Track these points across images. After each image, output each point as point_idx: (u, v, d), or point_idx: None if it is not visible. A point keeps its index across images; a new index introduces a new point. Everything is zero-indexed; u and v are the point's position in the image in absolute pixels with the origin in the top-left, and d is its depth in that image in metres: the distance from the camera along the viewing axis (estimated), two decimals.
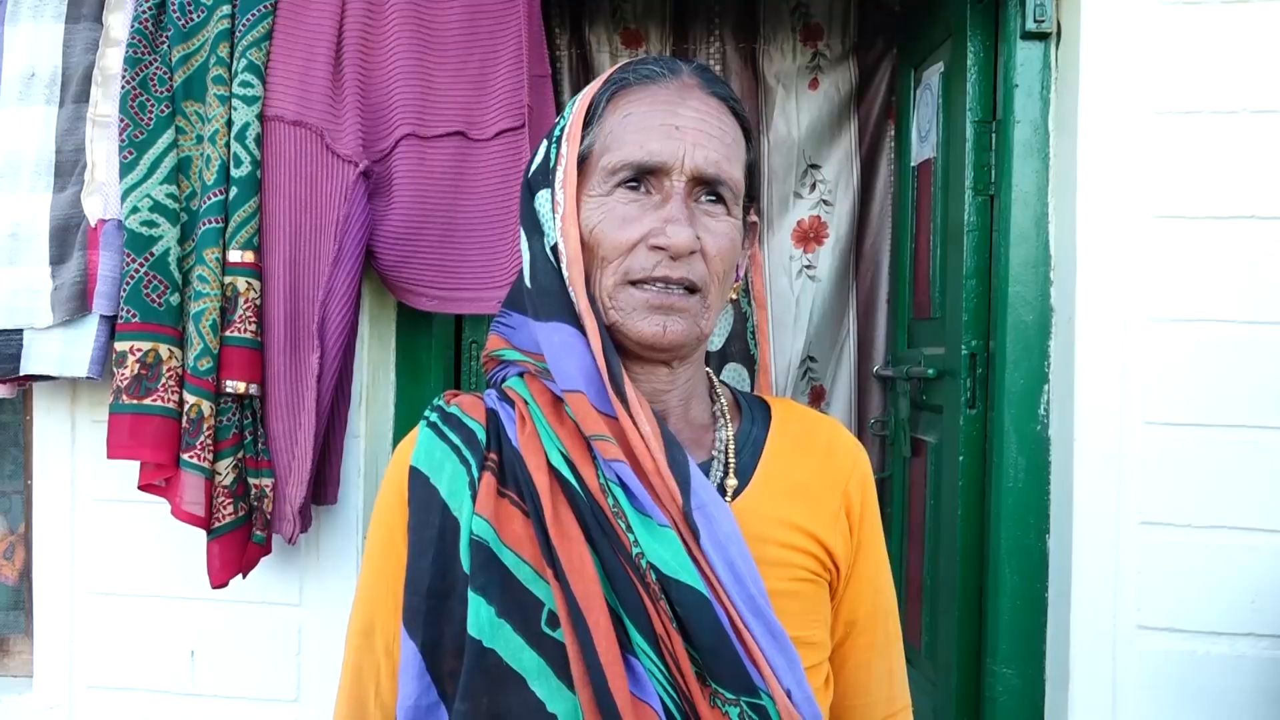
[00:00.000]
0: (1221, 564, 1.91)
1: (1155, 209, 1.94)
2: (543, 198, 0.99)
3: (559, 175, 0.97)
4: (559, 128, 1.00)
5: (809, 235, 3.43)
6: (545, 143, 1.02)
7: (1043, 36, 2.09)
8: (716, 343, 1.20)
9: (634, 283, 0.93)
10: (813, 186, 3.43)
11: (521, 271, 1.03)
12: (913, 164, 2.91)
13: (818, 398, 3.45)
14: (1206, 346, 1.92)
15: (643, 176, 0.94)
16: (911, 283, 2.92)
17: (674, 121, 0.94)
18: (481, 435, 0.96)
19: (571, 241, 0.94)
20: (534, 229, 1.00)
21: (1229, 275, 1.92)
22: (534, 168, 1.02)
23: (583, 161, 0.97)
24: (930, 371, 2.54)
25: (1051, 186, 2.09)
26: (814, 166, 3.43)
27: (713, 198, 0.96)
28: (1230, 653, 1.91)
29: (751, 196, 1.04)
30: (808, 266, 3.43)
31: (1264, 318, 1.91)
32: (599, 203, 0.95)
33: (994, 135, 2.23)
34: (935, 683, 2.45)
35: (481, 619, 0.87)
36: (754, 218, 1.08)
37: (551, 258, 0.97)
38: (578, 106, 0.99)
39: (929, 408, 2.67)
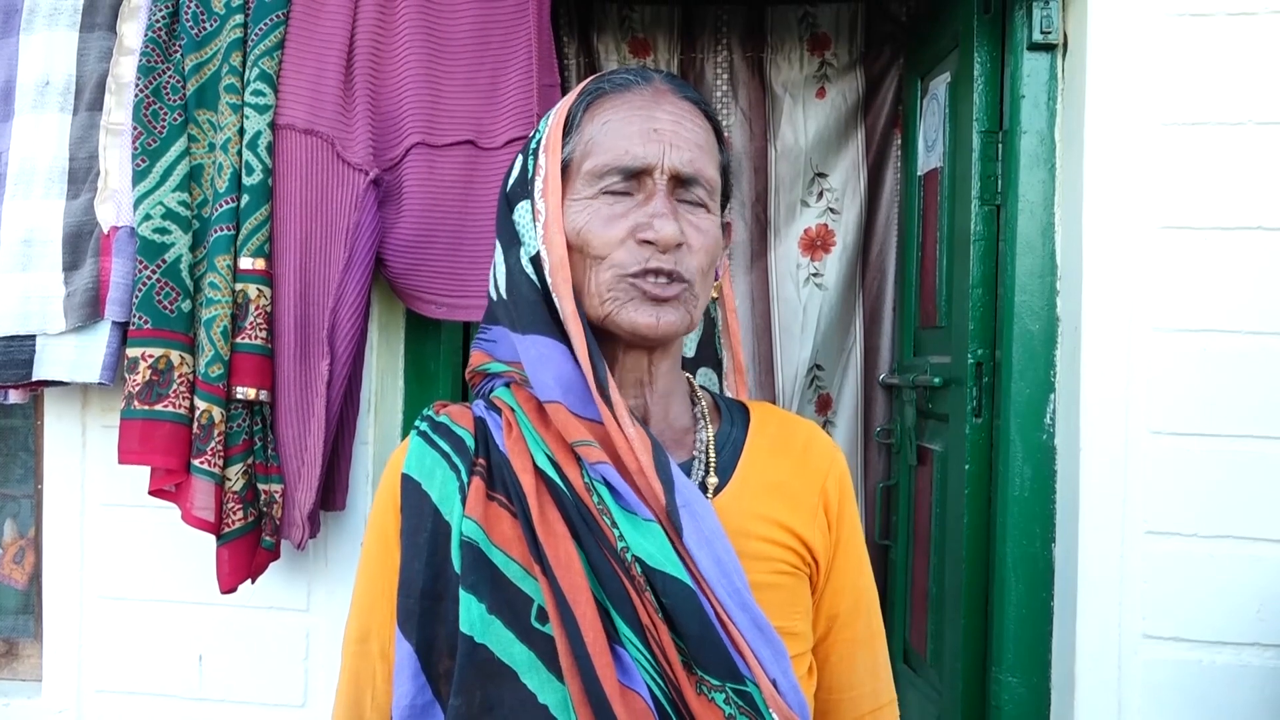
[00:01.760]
0: (1227, 574, 1.91)
1: (1161, 219, 1.95)
2: (522, 209, 1.02)
3: (538, 185, 1.00)
4: (535, 141, 1.03)
5: (816, 243, 3.45)
6: (520, 156, 1.05)
7: (1049, 48, 2.10)
8: (690, 349, 1.23)
9: (628, 277, 0.95)
10: (819, 195, 3.45)
11: (493, 284, 1.05)
12: (919, 173, 2.92)
13: (824, 406, 3.46)
14: (1212, 357, 1.92)
15: (627, 179, 0.97)
16: (918, 291, 2.93)
17: (652, 125, 0.98)
18: (470, 442, 0.98)
19: (556, 248, 0.97)
20: (511, 241, 1.02)
21: (1235, 286, 1.92)
22: (511, 181, 1.05)
23: (563, 170, 1.00)
24: (936, 380, 2.55)
25: (1058, 197, 2.10)
26: (821, 175, 3.44)
27: (693, 196, 0.99)
28: (1235, 662, 1.91)
29: (726, 196, 1.08)
30: (815, 275, 3.44)
31: (1269, 328, 1.91)
32: (584, 205, 0.98)
33: (1000, 145, 2.24)
34: (940, 691, 2.45)
35: (473, 616, 0.89)
36: (728, 218, 1.11)
37: (530, 269, 0.99)
38: (554, 119, 1.02)
39: (935, 416, 2.68)
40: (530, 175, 1.01)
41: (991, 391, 2.25)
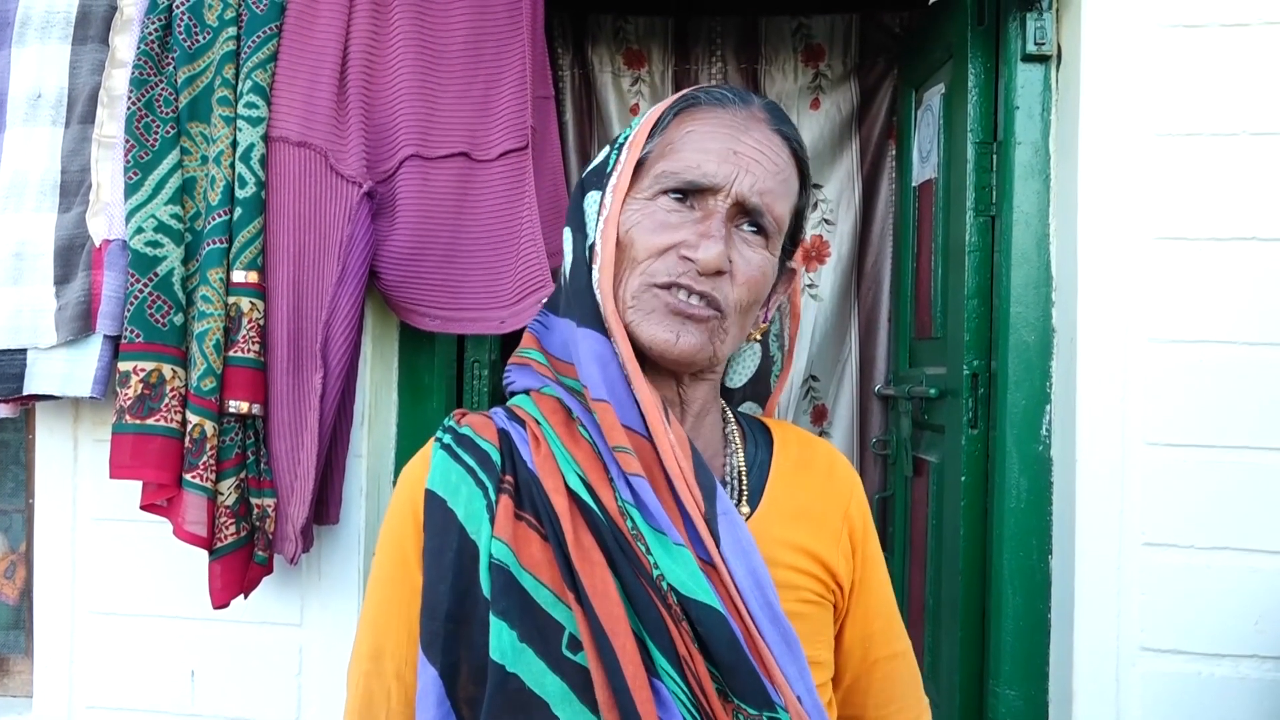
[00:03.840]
0: (1224, 585, 1.91)
1: (1156, 230, 1.94)
2: (592, 198, 1.00)
3: (613, 180, 0.98)
4: (624, 135, 1.01)
5: (811, 254, 3.44)
6: (608, 148, 1.03)
7: (1043, 59, 2.10)
8: (738, 380, 1.20)
9: (657, 286, 0.93)
10: (814, 206, 3.45)
11: (563, 270, 1.03)
12: (914, 184, 2.92)
13: (820, 417, 3.45)
14: (1208, 367, 1.92)
15: (690, 193, 0.95)
16: (913, 302, 2.93)
17: (733, 147, 0.95)
18: (496, 457, 0.95)
19: (608, 244, 0.95)
20: (579, 228, 1.00)
21: (1230, 296, 1.92)
22: (591, 168, 1.03)
23: (638, 168, 0.98)
24: (932, 391, 2.55)
25: (1052, 207, 2.10)
26: (815, 186, 3.44)
27: (754, 228, 0.96)
28: (1233, 674, 1.91)
29: (795, 240, 1.05)
30: (810, 285, 3.44)
31: (1265, 339, 1.91)
32: (641, 205, 0.95)
33: (995, 156, 2.24)
34: (938, 704, 2.44)
35: (504, 643, 0.86)
36: (794, 264, 1.08)
37: (587, 258, 0.98)
38: (647, 117, 1.00)
39: (931, 427, 2.68)
40: (610, 169, 0.99)
41: (987, 403, 2.24)
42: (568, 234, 1.02)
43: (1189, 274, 1.93)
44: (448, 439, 0.98)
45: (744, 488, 1.02)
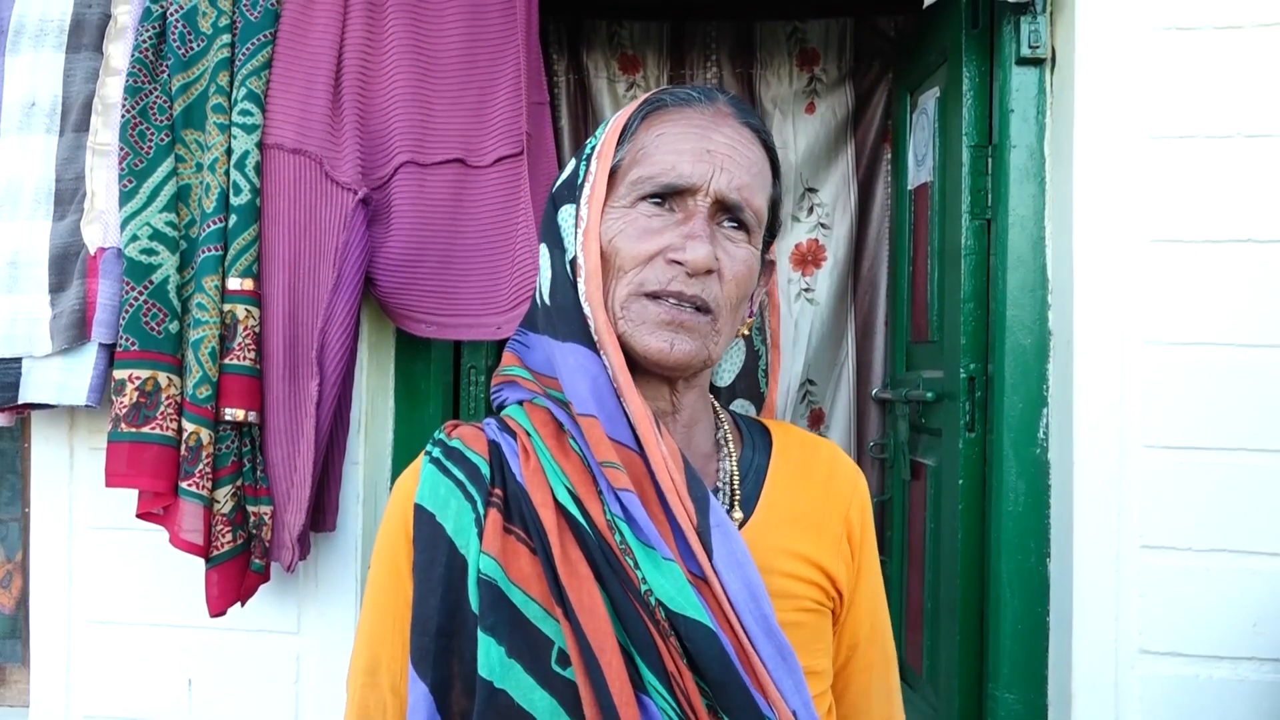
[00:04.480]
0: (1223, 587, 1.90)
1: (1152, 233, 1.94)
2: (566, 213, 0.99)
3: (586, 191, 0.97)
4: (590, 146, 1.01)
5: (807, 258, 3.45)
6: (574, 160, 1.02)
7: (1038, 62, 2.10)
8: (726, 379, 1.19)
9: (647, 295, 0.92)
10: (810, 210, 3.45)
11: (538, 288, 1.02)
12: (909, 188, 2.92)
13: (817, 420, 3.45)
14: (1205, 370, 1.92)
15: (669, 195, 0.94)
16: (909, 306, 2.93)
17: (706, 145, 0.95)
18: (485, 470, 0.94)
19: (592, 256, 0.94)
20: (555, 244, 1.00)
21: (1226, 298, 1.92)
22: (560, 182, 1.02)
23: (611, 176, 0.97)
24: (929, 394, 2.54)
25: (1048, 210, 2.10)
26: (811, 190, 3.44)
27: (735, 223, 0.96)
28: (1232, 677, 1.90)
29: (772, 232, 1.04)
30: (806, 290, 3.44)
31: (1261, 340, 1.91)
32: (621, 213, 0.95)
33: (990, 160, 2.24)
34: (936, 708, 2.43)
35: (492, 659, 0.86)
36: (772, 255, 1.08)
37: (569, 273, 0.97)
38: (612, 125, 1.00)
39: (928, 430, 2.67)
40: (580, 180, 0.99)
41: (984, 406, 2.24)
42: (544, 250, 1.01)
43: (1185, 276, 1.93)
44: (437, 452, 0.97)
45: (736, 493, 1.00)
